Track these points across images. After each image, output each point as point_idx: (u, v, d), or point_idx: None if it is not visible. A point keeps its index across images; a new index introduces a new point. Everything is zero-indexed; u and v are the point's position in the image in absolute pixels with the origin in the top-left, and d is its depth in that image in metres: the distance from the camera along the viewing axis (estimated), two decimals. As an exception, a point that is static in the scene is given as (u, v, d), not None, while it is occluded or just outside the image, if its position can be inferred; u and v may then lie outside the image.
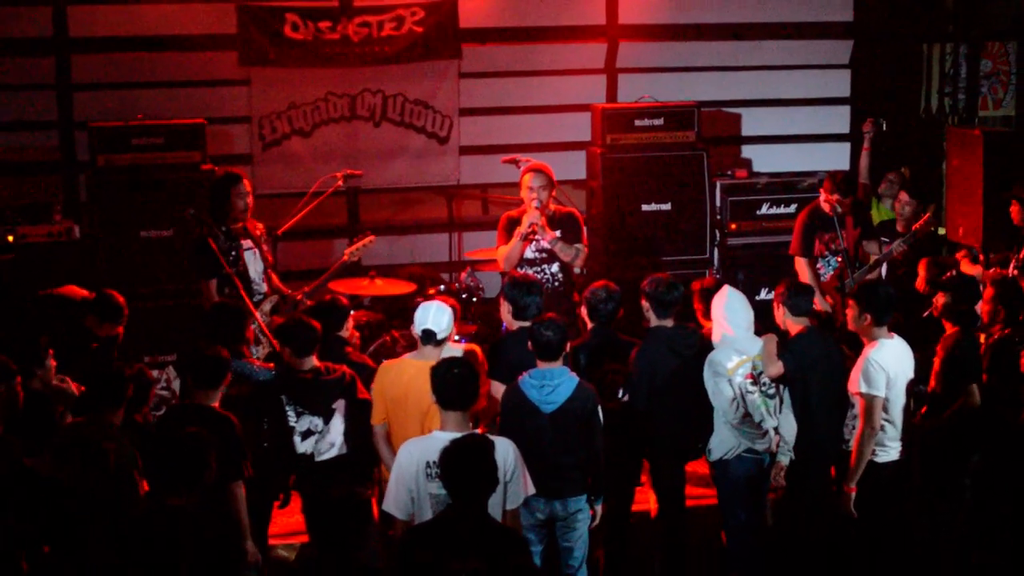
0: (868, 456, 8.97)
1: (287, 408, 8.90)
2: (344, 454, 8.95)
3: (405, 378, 8.80)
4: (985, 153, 12.03)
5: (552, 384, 8.55)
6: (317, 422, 8.89)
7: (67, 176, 13.58)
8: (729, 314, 9.34)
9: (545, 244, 11.01)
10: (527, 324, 9.03)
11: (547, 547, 8.77)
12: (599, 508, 8.81)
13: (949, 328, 9.89)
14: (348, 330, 9.71)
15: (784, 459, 9.31)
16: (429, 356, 8.76)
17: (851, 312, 9.26)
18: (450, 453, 7.10)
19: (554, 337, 8.61)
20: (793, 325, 9.38)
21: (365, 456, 8.98)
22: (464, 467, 7.02)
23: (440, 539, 6.94)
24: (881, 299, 9.22)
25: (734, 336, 9.30)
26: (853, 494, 8.97)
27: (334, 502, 7.01)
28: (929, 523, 9.80)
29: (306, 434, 8.89)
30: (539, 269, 11.00)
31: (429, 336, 8.85)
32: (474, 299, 12.70)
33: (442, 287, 12.63)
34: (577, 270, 11.27)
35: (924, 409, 9.82)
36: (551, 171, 11.16)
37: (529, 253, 11.05)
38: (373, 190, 14.19)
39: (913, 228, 11.72)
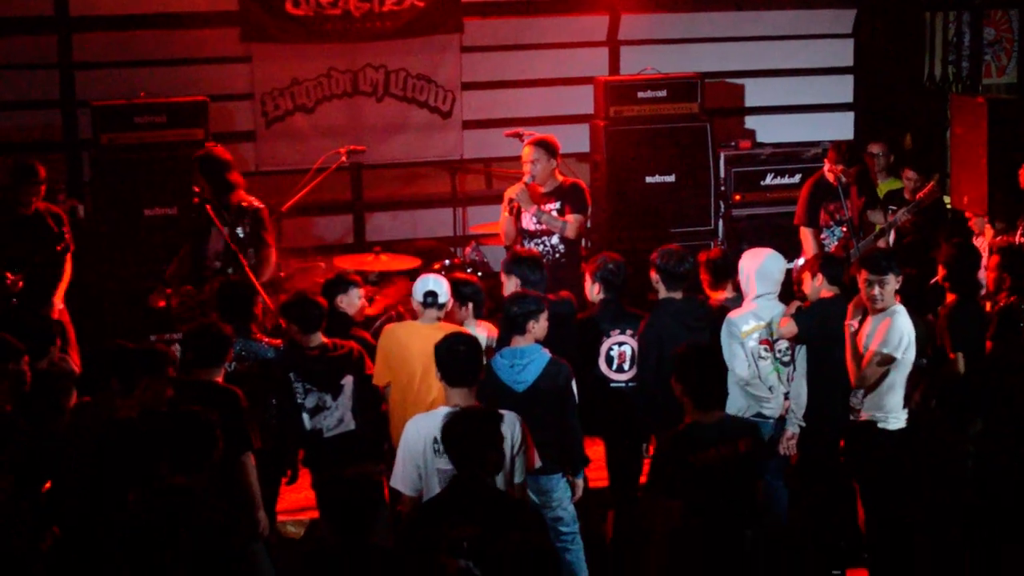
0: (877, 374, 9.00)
1: (295, 385, 8.92)
2: (352, 430, 8.99)
3: (411, 340, 8.98)
4: (989, 121, 12.00)
5: (522, 363, 8.54)
6: (326, 398, 8.92)
7: (70, 155, 13.57)
8: (759, 277, 9.37)
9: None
10: None
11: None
12: (580, 481, 8.81)
13: (950, 297, 9.91)
14: (354, 306, 9.73)
15: (793, 428, 9.32)
16: (432, 319, 9.05)
17: (860, 279, 9.23)
18: (453, 424, 7.09)
19: (519, 311, 8.63)
20: (827, 294, 9.39)
21: (374, 432, 9.02)
22: (467, 438, 7.00)
23: (445, 511, 6.93)
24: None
25: (757, 305, 9.32)
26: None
27: (345, 480, 6.99)
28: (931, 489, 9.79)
29: (315, 411, 8.91)
30: (539, 241, 11.00)
31: (432, 298, 9.04)
32: (479, 273, 12.64)
33: (448, 261, 12.60)
34: (572, 237, 11.17)
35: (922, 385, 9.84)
36: (556, 142, 11.16)
37: (531, 225, 11.05)
38: (376, 165, 14.15)
39: (918, 197, 11.72)
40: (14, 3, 13.26)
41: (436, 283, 9.14)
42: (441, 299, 9.10)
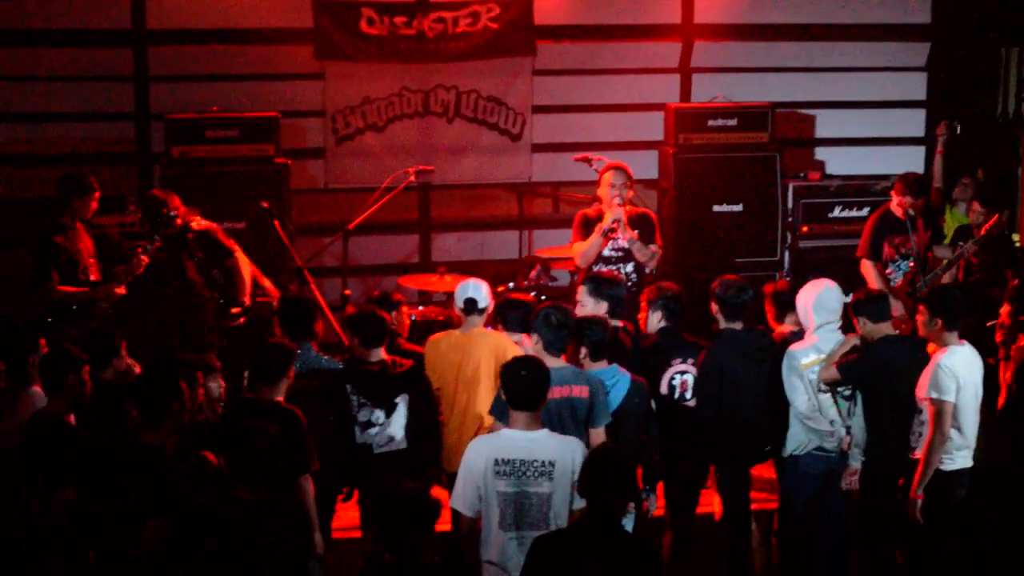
0: (936, 463, 8.81)
1: (351, 398, 8.93)
2: (403, 449, 8.98)
3: (449, 351, 9.24)
4: (1060, 159, 11.93)
5: (608, 385, 8.58)
6: (379, 414, 8.92)
7: (142, 167, 13.70)
8: (816, 308, 9.28)
9: (623, 243, 11.04)
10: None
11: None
12: (652, 500, 8.87)
13: (1022, 339, 9.81)
14: (402, 324, 9.90)
15: (855, 463, 9.24)
16: (474, 325, 9.28)
17: (921, 317, 9.08)
18: (595, 463, 7.09)
19: (601, 337, 8.73)
20: (875, 332, 9.19)
21: (424, 451, 9.05)
22: (608, 477, 6.97)
23: (575, 549, 6.87)
24: (951, 303, 9.06)
25: (819, 337, 9.25)
26: (920, 501, 8.83)
27: (396, 498, 6.99)
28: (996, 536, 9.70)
29: (366, 425, 8.91)
30: (614, 268, 11.01)
31: (471, 305, 9.28)
32: (543, 296, 12.67)
33: (511, 284, 12.60)
34: (648, 270, 11.27)
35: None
36: (630, 170, 11.19)
37: (606, 251, 11.08)
38: (444, 186, 14.23)
39: (982, 231, 11.58)
40: (92, 16, 13.41)
41: (476, 288, 9.32)
42: (481, 304, 9.29)
